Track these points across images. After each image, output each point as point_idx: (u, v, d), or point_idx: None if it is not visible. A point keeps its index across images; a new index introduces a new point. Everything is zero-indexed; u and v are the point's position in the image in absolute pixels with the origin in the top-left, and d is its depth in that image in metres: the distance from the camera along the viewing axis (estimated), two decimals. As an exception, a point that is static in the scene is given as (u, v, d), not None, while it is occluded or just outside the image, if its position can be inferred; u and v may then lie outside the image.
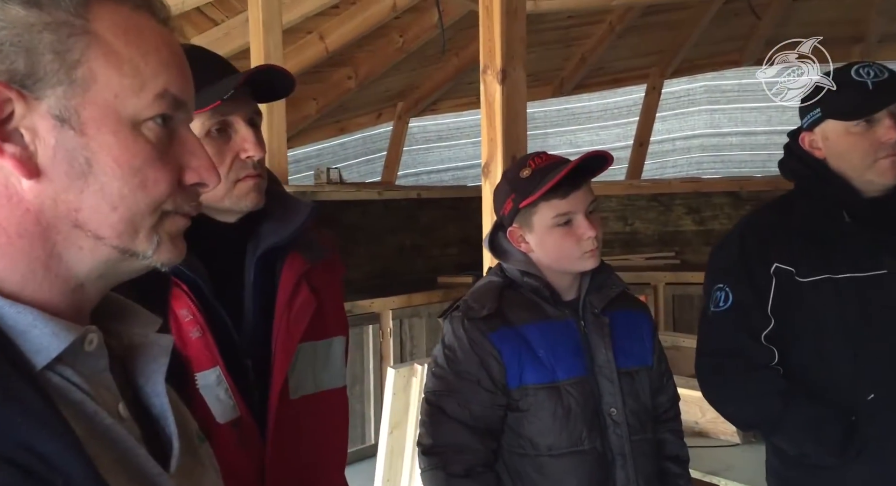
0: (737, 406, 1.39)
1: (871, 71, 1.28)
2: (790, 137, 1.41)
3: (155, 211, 0.52)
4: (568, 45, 5.29)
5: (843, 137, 1.30)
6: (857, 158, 1.29)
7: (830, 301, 1.29)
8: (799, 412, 1.29)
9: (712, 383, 1.40)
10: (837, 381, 1.30)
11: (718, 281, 1.38)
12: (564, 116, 5.57)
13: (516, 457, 1.27)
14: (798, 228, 1.33)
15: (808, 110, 1.34)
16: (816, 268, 1.29)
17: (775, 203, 1.44)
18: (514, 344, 1.25)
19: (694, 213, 4.65)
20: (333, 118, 5.41)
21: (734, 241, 1.40)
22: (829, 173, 1.33)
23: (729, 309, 1.35)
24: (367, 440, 3.65)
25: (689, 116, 5.50)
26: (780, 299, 1.31)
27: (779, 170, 1.44)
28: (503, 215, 1.33)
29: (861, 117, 1.27)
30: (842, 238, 1.31)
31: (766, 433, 1.40)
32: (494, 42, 2.26)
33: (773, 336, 1.33)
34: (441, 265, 4.39)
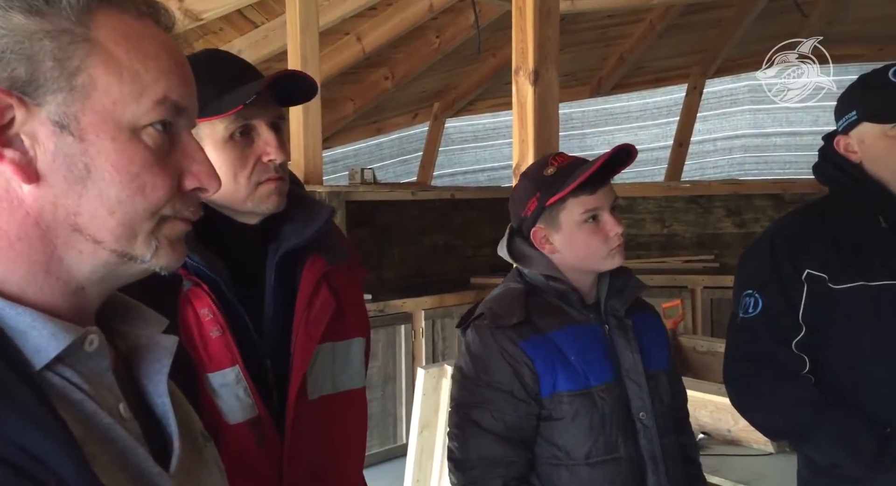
0: (766, 415, 1.36)
1: None
2: (825, 141, 1.38)
3: (153, 216, 0.53)
4: (607, 45, 5.22)
5: (880, 141, 1.27)
6: (894, 162, 1.26)
7: (865, 309, 1.26)
8: (831, 422, 1.26)
9: (740, 390, 1.38)
10: (872, 391, 1.27)
11: (748, 287, 1.35)
12: (602, 117, 5.50)
13: (551, 467, 1.24)
14: (831, 233, 1.30)
15: (844, 113, 1.32)
16: (850, 275, 1.26)
17: (807, 208, 1.41)
18: (546, 351, 1.22)
19: (734, 215, 4.53)
20: (370, 119, 5.45)
21: (764, 246, 1.37)
22: (865, 178, 1.30)
23: (758, 315, 1.31)
24: (398, 440, 3.67)
25: (732, 116, 5.37)
26: (812, 306, 1.28)
27: (813, 174, 1.40)
28: (524, 217, 1.30)
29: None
30: (878, 244, 1.27)
31: (796, 443, 1.38)
32: (527, 43, 2.25)
33: (804, 344, 1.30)
34: (474, 266, 4.38)
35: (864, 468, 1.24)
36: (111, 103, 0.51)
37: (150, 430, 0.55)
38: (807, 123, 5.00)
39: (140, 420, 0.55)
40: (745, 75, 5.32)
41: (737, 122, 5.36)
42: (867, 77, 1.33)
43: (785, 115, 5.24)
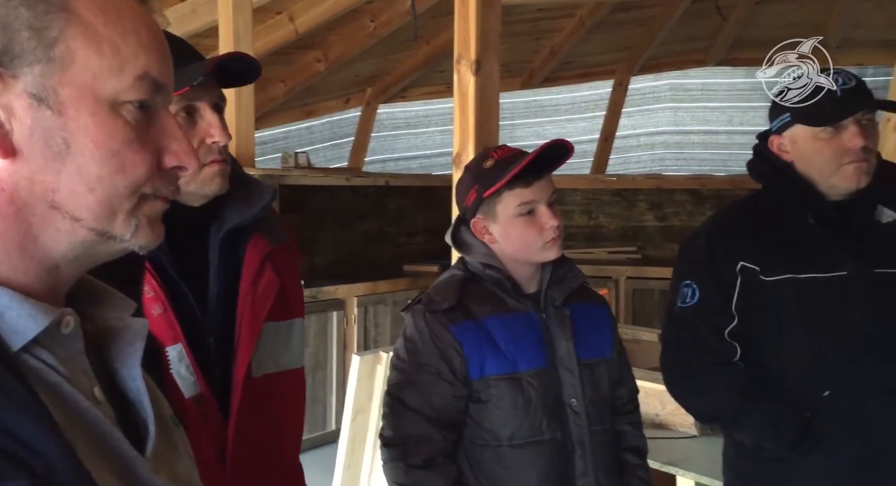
0: (699, 400, 1.43)
1: (839, 78, 1.29)
2: (759, 139, 1.43)
3: (133, 194, 0.52)
4: (538, 38, 5.31)
5: (811, 142, 1.31)
6: (822, 162, 1.31)
7: (792, 300, 1.31)
8: (758, 407, 1.32)
9: (676, 377, 1.43)
10: (795, 377, 1.33)
11: (686, 278, 1.40)
12: (532, 108, 5.60)
13: (477, 448, 1.29)
14: (764, 228, 1.35)
15: (778, 114, 1.36)
16: (780, 268, 1.32)
17: (743, 203, 1.46)
18: (475, 336, 1.27)
19: (656, 209, 4.74)
20: (301, 101, 5.34)
21: (702, 238, 1.43)
22: (796, 176, 1.35)
23: (695, 305, 1.37)
24: (327, 427, 3.65)
25: (654, 113, 5.59)
26: (745, 296, 1.34)
27: (747, 171, 1.46)
28: (466, 207, 1.33)
29: (829, 124, 1.29)
30: (806, 240, 1.33)
31: (725, 427, 1.43)
32: (469, 32, 2.26)
33: (736, 333, 1.35)
34: (407, 253, 4.39)
35: (787, 450, 1.30)
36: (90, 77, 0.49)
37: (122, 414, 0.54)
38: (722, 122, 5.28)
39: (112, 404, 0.54)
40: (667, 74, 5.54)
41: (658, 119, 5.58)
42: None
43: (702, 114, 5.51)
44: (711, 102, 5.50)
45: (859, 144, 1.26)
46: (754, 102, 5.35)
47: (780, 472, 1.34)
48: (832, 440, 1.28)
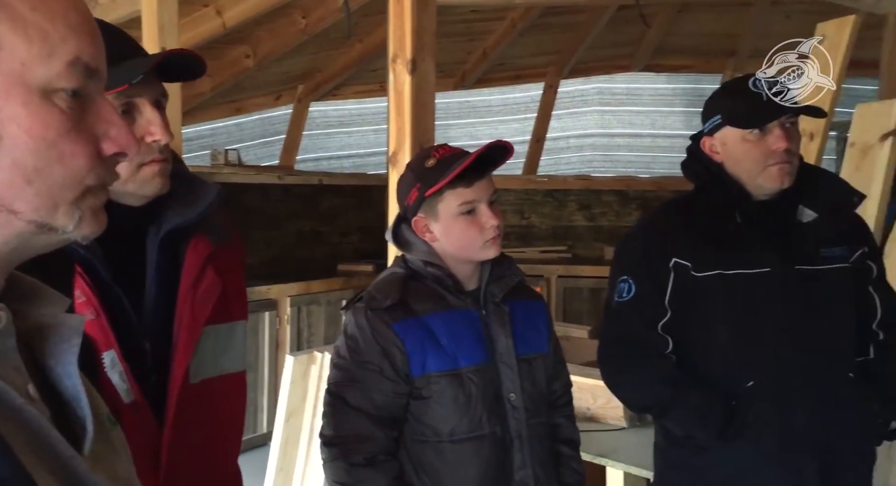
0: (633, 391, 1.48)
1: (766, 84, 1.35)
2: (692, 141, 1.49)
3: (76, 185, 0.51)
4: (471, 40, 5.36)
5: (740, 144, 1.37)
6: (750, 163, 1.37)
7: (720, 295, 1.37)
8: (687, 397, 1.37)
9: (612, 369, 1.48)
10: (722, 368, 1.39)
11: (623, 274, 1.45)
12: (465, 109, 5.65)
13: (418, 444, 1.30)
14: (696, 226, 1.41)
15: (710, 116, 1.43)
16: (710, 264, 1.38)
17: (676, 202, 1.52)
18: (417, 333, 1.28)
19: (585, 209, 4.89)
20: (229, 97, 5.20)
21: (638, 236, 1.49)
22: (726, 176, 1.41)
23: (631, 300, 1.42)
24: (258, 429, 3.58)
25: (582, 116, 5.75)
26: (677, 291, 1.40)
27: (681, 170, 1.52)
28: (407, 206, 1.34)
29: (755, 127, 1.35)
30: (733, 237, 1.38)
31: (657, 416, 1.48)
32: (405, 32, 2.27)
33: (669, 326, 1.41)
34: (341, 253, 4.36)
35: (714, 438, 1.36)
36: (19, 64, 0.47)
37: (57, 413, 0.53)
38: (646, 126, 5.48)
39: (46, 403, 0.52)
40: (595, 78, 5.71)
41: (587, 121, 5.75)
42: (731, 84, 1.46)
43: (628, 117, 5.71)
44: (636, 107, 5.71)
45: (783, 146, 1.33)
46: (675, 107, 5.58)
47: (707, 460, 1.40)
48: (755, 429, 1.35)
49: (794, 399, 1.36)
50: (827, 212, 1.40)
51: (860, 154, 2.34)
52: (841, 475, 1.39)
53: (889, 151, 2.26)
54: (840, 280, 1.40)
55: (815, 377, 1.36)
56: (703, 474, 1.42)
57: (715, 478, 1.40)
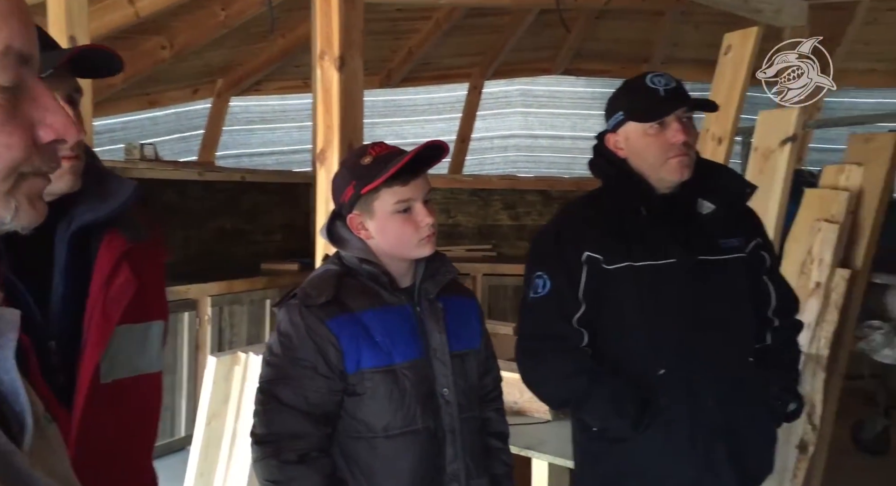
0: (550, 386, 1.50)
1: (661, 80, 1.42)
2: (597, 138, 1.54)
3: (10, 175, 0.49)
4: (396, 38, 5.37)
5: (641, 138, 1.43)
6: (651, 157, 1.42)
7: (630, 286, 1.42)
8: (602, 389, 1.41)
9: (529, 365, 1.49)
10: (634, 358, 1.43)
11: (538, 269, 1.47)
12: (391, 108, 5.65)
13: (351, 440, 1.30)
14: (605, 220, 1.45)
15: (613, 113, 1.47)
16: (620, 256, 1.42)
17: (587, 197, 1.56)
18: (352, 330, 1.28)
19: (510, 209, 4.99)
20: (142, 90, 4.99)
21: (551, 232, 1.53)
22: (630, 171, 1.45)
23: (546, 295, 1.45)
24: (176, 433, 3.46)
25: (506, 117, 5.86)
26: (590, 284, 1.43)
27: (589, 168, 1.56)
28: (343, 203, 1.34)
29: (654, 120, 1.40)
30: (640, 230, 1.43)
31: (574, 410, 1.51)
32: (332, 28, 2.25)
33: (583, 319, 1.44)
34: (265, 251, 4.26)
35: (629, 429, 1.40)
36: None
37: None
38: (567, 128, 5.65)
39: None
40: (518, 80, 5.84)
41: (510, 122, 5.86)
42: (630, 81, 1.49)
43: (549, 119, 5.86)
44: (557, 109, 5.87)
45: (681, 138, 1.39)
46: (594, 110, 5.78)
47: (622, 450, 1.45)
48: (667, 417, 1.40)
49: (702, 386, 1.41)
50: (724, 204, 1.46)
51: (763, 158, 2.51)
52: (747, 458, 1.47)
53: (788, 155, 2.43)
54: (738, 270, 1.47)
55: (720, 364, 1.43)
56: (619, 464, 1.46)
57: (630, 468, 1.45)
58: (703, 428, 1.42)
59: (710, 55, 4.52)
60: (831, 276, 2.48)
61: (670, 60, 5.71)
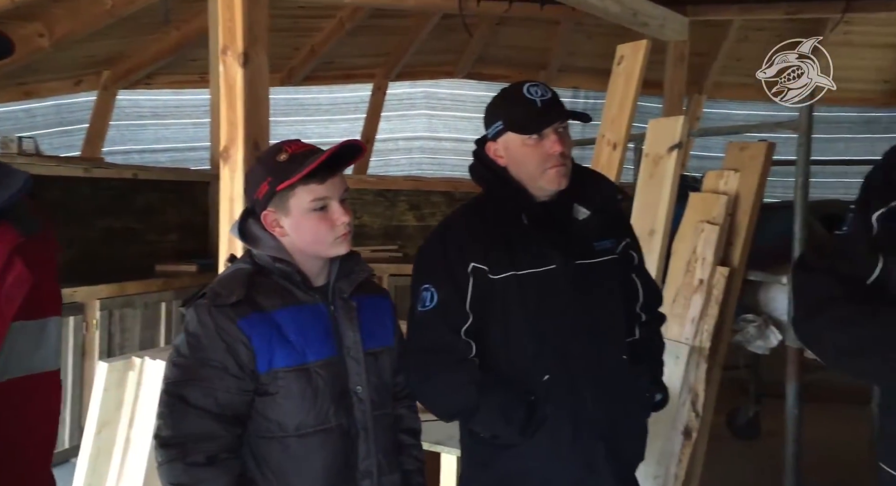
0: (441, 399, 1.49)
1: (538, 90, 1.44)
2: (478, 145, 1.57)
3: None
4: (298, 36, 5.28)
5: (520, 148, 1.45)
6: (531, 166, 1.45)
7: (515, 295, 1.44)
8: (491, 398, 1.42)
9: (419, 379, 1.47)
10: (520, 365, 1.46)
11: (425, 282, 1.48)
12: (293, 106, 5.53)
13: (262, 441, 1.29)
14: (489, 229, 1.46)
15: (492, 122, 1.49)
16: (504, 265, 1.44)
17: (469, 207, 1.56)
18: (264, 329, 1.26)
19: (415, 209, 5.03)
20: (17, 80, 4.63)
21: (436, 243, 1.53)
22: (510, 180, 1.48)
23: (434, 308, 1.45)
24: (60, 445, 3.23)
25: (411, 119, 5.89)
26: (477, 295, 1.44)
27: (469, 174, 1.58)
28: (256, 200, 1.32)
29: (533, 133, 1.43)
30: (522, 238, 1.46)
31: (465, 421, 1.52)
32: (235, 23, 2.20)
33: (471, 330, 1.46)
34: (160, 252, 4.05)
35: (517, 435, 1.43)
36: None
37: None
38: (470, 131, 5.75)
39: None
40: (422, 82, 5.89)
41: (415, 124, 5.90)
42: (508, 91, 1.50)
43: (453, 122, 5.95)
44: (460, 112, 5.97)
45: (559, 149, 1.44)
46: (496, 114, 5.89)
47: (510, 455, 1.48)
48: (552, 421, 1.45)
49: (583, 388, 1.47)
50: (598, 209, 1.52)
51: (653, 163, 2.68)
52: (624, 451, 1.55)
53: (675, 160, 2.61)
54: (612, 271, 1.54)
55: (599, 365, 1.50)
56: (506, 468, 1.50)
57: (517, 471, 1.49)
58: (585, 429, 1.48)
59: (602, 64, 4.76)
60: (713, 273, 2.68)
61: (566, 68, 5.95)
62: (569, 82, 6.02)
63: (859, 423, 2.91)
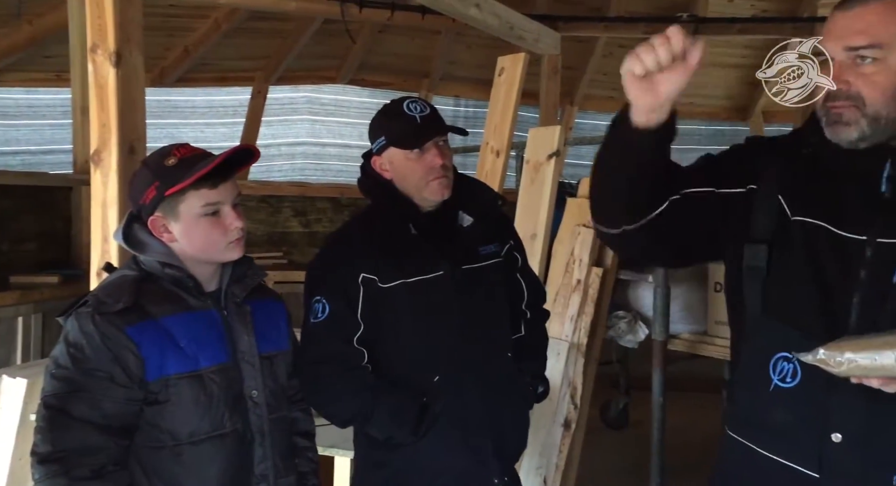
0: (336, 406, 1.52)
1: (417, 106, 1.51)
2: (364, 158, 1.62)
3: None
4: (170, 35, 5.04)
5: (404, 162, 1.52)
6: (414, 179, 1.52)
7: (405, 302, 1.50)
8: (385, 402, 1.47)
9: (314, 389, 1.50)
10: (412, 368, 1.52)
11: (316, 294, 1.51)
12: (166, 109, 5.25)
13: (152, 451, 1.25)
14: (378, 240, 1.51)
15: (376, 137, 1.55)
16: (393, 275, 1.50)
17: (359, 218, 1.62)
18: (154, 336, 1.24)
19: (300, 215, 4.93)
20: None
21: (327, 256, 1.57)
22: (396, 192, 1.54)
23: (326, 319, 1.48)
24: None
25: (293, 124, 5.77)
26: (368, 304, 1.49)
27: (358, 187, 1.63)
28: (143, 204, 1.29)
29: (414, 148, 1.50)
30: (410, 247, 1.52)
31: (360, 426, 1.56)
32: (106, 20, 2.08)
33: (363, 339, 1.50)
34: (14, 263, 3.69)
35: (410, 436, 1.48)
36: None
37: None
38: (354, 137, 5.72)
39: None
40: (304, 87, 5.79)
41: (298, 130, 5.78)
42: (388, 107, 1.56)
43: (337, 128, 5.90)
44: (344, 118, 5.92)
45: (440, 162, 1.52)
46: (380, 121, 5.89)
47: (403, 455, 1.53)
48: (443, 420, 1.51)
49: (472, 387, 1.54)
50: (480, 215, 1.60)
51: (534, 170, 2.82)
52: (509, 444, 1.64)
53: (553, 168, 2.76)
54: (496, 274, 1.64)
55: (486, 364, 1.58)
56: (399, 468, 1.55)
57: (410, 470, 1.54)
58: (474, 425, 1.55)
59: (482, 74, 4.93)
60: (589, 274, 2.86)
61: (448, 77, 6.09)
62: (450, 91, 6.16)
63: (715, 409, 3.20)
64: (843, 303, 1.02)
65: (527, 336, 1.73)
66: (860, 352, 0.89)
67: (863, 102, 1.03)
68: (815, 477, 1.04)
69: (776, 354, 1.07)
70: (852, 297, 1.02)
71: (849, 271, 1.02)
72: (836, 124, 1.05)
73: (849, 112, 1.03)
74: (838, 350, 0.91)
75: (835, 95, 1.04)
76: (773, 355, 1.07)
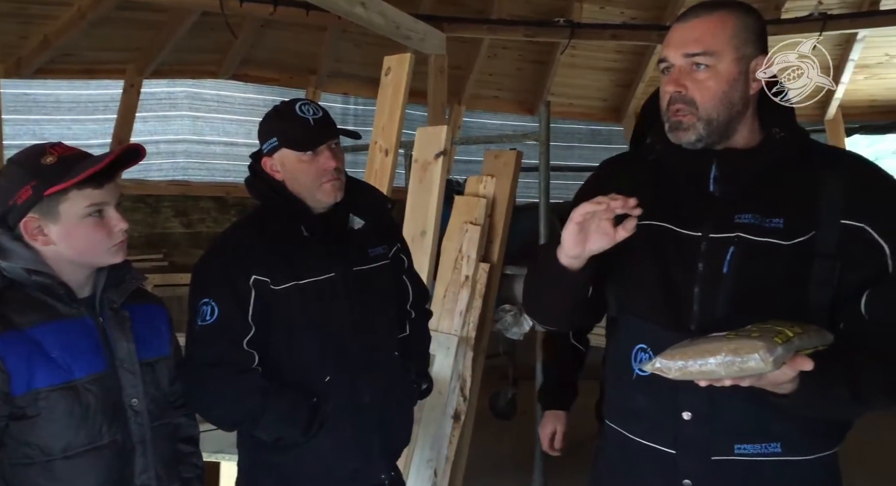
0: (224, 410, 1.49)
1: (310, 109, 1.50)
2: (253, 159, 1.59)
3: None
4: (26, 22, 4.66)
5: (296, 164, 1.50)
6: (307, 181, 1.51)
7: (298, 303, 1.49)
8: (276, 403, 1.46)
9: (199, 393, 1.46)
10: (303, 369, 1.51)
11: (204, 296, 1.47)
12: (26, 103, 4.84)
13: (20, 468, 1.18)
14: (270, 242, 1.49)
15: (267, 138, 1.52)
16: (286, 276, 1.48)
17: (249, 220, 1.59)
18: (20, 349, 1.17)
19: (182, 216, 4.71)
20: None
21: (215, 257, 1.53)
22: (288, 194, 1.52)
23: (215, 322, 1.45)
24: None
25: (173, 120, 5.49)
26: (259, 306, 1.47)
27: (247, 189, 1.60)
28: (14, 206, 1.21)
29: (308, 150, 1.49)
30: (302, 249, 1.51)
31: (248, 429, 1.52)
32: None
33: (254, 341, 1.48)
34: None
35: (301, 436, 1.48)
36: None
37: None
38: (241, 135, 5.53)
39: None
40: (182, 81, 5.53)
41: (178, 126, 5.50)
42: (280, 109, 1.54)
43: (222, 125, 5.67)
44: (229, 114, 5.71)
45: (333, 165, 1.52)
46: (266, 117, 5.71)
47: (293, 456, 1.53)
48: (334, 420, 1.52)
49: (362, 386, 1.55)
50: (371, 218, 1.62)
51: (422, 169, 2.86)
52: (394, 439, 1.69)
53: (441, 167, 2.82)
54: (385, 275, 1.66)
55: (375, 364, 1.60)
56: (289, 469, 1.54)
57: (300, 470, 1.54)
58: (363, 424, 1.57)
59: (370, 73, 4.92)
60: (476, 269, 2.95)
61: (336, 74, 6.03)
62: (339, 88, 6.11)
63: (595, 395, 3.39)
64: (686, 295, 1.14)
65: (412, 336, 1.77)
66: (689, 360, 0.96)
67: (696, 106, 1.14)
68: (672, 454, 1.16)
69: (636, 346, 1.19)
70: (693, 288, 1.13)
71: (690, 266, 1.14)
72: (677, 130, 1.16)
73: (687, 118, 1.15)
74: (671, 359, 0.97)
75: (674, 99, 1.15)
76: (634, 347, 1.19)
